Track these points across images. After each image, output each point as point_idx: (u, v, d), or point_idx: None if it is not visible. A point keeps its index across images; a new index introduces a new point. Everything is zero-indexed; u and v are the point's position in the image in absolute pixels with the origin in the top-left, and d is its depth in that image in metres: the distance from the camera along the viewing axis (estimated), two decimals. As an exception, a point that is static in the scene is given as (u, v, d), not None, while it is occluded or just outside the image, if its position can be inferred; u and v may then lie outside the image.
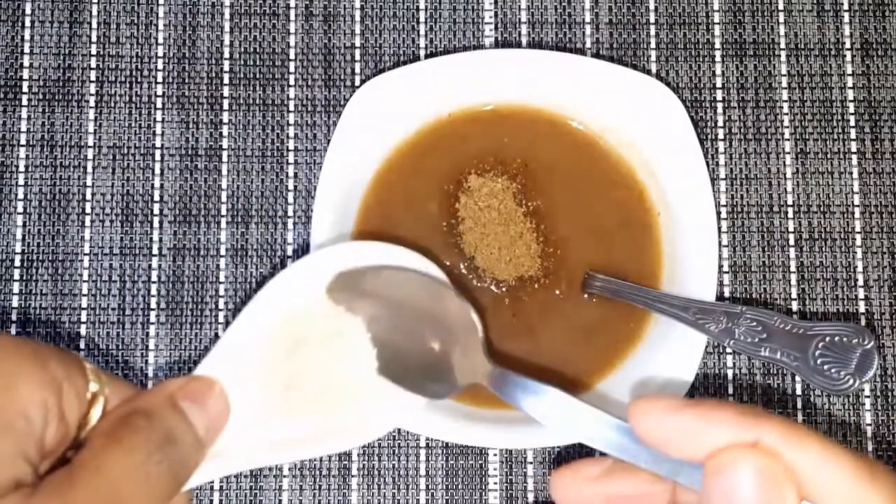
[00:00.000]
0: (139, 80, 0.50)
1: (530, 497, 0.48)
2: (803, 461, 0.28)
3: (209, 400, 0.38)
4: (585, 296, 0.48)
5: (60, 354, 0.34)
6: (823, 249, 0.50)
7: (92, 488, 0.32)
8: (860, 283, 0.49)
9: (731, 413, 0.29)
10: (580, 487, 0.33)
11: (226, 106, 0.50)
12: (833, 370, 0.46)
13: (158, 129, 0.50)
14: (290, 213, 0.50)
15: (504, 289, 0.48)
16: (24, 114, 0.50)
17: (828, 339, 0.46)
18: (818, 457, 0.28)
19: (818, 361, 0.46)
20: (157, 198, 0.50)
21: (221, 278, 0.49)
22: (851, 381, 0.46)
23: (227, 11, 0.51)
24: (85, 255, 0.49)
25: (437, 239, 0.48)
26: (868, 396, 0.48)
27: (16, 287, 0.49)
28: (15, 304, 0.48)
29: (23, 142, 0.50)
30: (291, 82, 0.50)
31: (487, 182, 0.48)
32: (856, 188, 0.50)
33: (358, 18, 0.51)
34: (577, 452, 0.48)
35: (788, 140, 0.50)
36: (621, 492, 0.33)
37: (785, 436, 0.28)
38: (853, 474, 0.28)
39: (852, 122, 0.51)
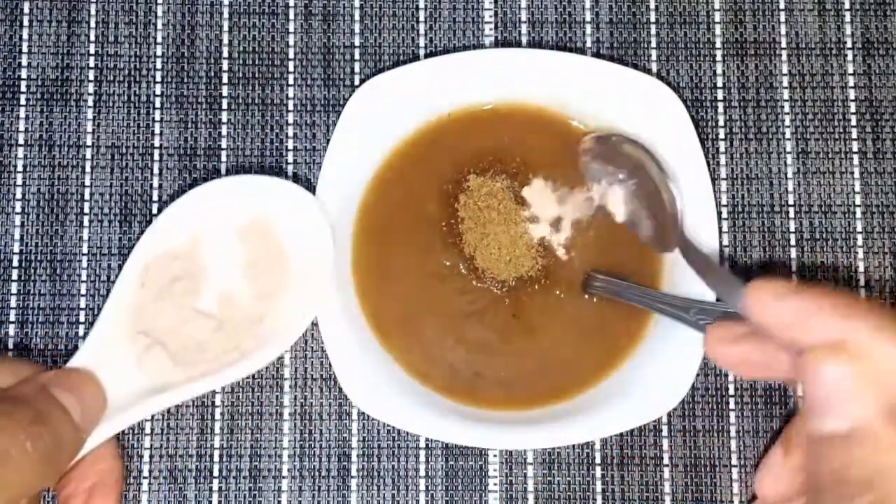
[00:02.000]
0: (138, 79, 0.50)
1: (530, 498, 0.48)
2: (888, 357, 0.32)
3: (83, 387, 0.40)
4: (586, 296, 0.48)
5: None
6: (825, 249, 0.49)
7: None
8: (861, 283, 0.49)
9: (829, 307, 0.33)
10: (726, 344, 0.37)
11: (225, 105, 0.50)
12: (834, 371, 0.46)
13: (157, 129, 0.50)
14: (290, 212, 0.49)
15: (504, 289, 0.47)
16: (22, 113, 0.50)
17: (829, 339, 0.46)
18: None
19: (819, 362, 0.46)
20: (155, 198, 0.49)
21: (220, 278, 0.49)
22: (853, 382, 0.46)
23: (225, 10, 0.51)
24: (83, 255, 0.49)
25: (436, 239, 0.48)
26: (869, 397, 0.48)
27: (14, 287, 0.48)
28: (13, 304, 0.48)
29: (21, 141, 0.49)
30: (291, 82, 0.50)
31: (487, 182, 0.48)
32: (857, 188, 0.50)
33: (357, 18, 0.51)
34: (577, 453, 0.48)
35: (789, 140, 0.50)
36: (754, 355, 0.37)
37: (873, 333, 0.32)
38: None
39: (853, 122, 0.50)
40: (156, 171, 0.50)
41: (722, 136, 0.50)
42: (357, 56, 0.50)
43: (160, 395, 0.42)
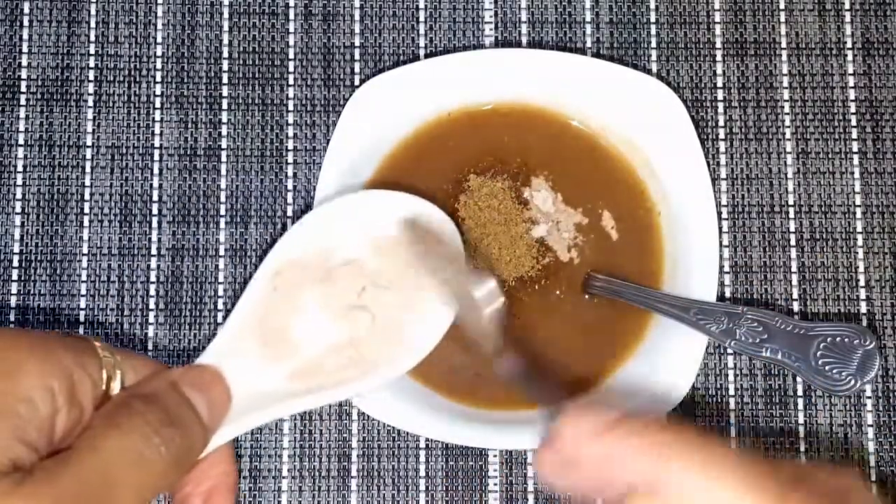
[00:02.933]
0: (138, 79, 0.50)
1: (530, 498, 0.48)
2: (700, 491, 0.32)
3: (211, 386, 0.39)
4: (586, 297, 0.48)
5: (68, 341, 0.35)
6: (825, 249, 0.49)
7: (83, 470, 0.32)
8: (861, 283, 0.49)
9: (645, 446, 0.33)
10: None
11: (225, 105, 0.50)
12: (834, 371, 0.46)
13: (157, 129, 0.50)
14: (290, 213, 0.49)
15: (504, 289, 0.47)
16: (22, 113, 0.50)
17: (829, 339, 0.46)
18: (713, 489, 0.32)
19: (819, 362, 0.46)
20: (155, 198, 0.49)
21: (220, 279, 0.49)
22: (853, 382, 0.46)
23: (226, 11, 0.51)
24: (83, 255, 0.49)
25: (436, 239, 0.48)
26: (869, 397, 0.48)
27: (14, 287, 0.48)
28: (13, 304, 0.48)
29: (21, 141, 0.49)
30: (291, 82, 0.50)
31: (487, 182, 0.48)
32: (857, 188, 0.50)
33: (357, 18, 0.51)
34: (578, 453, 0.48)
35: (790, 140, 0.50)
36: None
37: (684, 471, 0.33)
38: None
39: (854, 122, 0.50)
40: (156, 171, 0.50)
41: (722, 136, 0.50)
42: (357, 56, 0.50)
43: (282, 402, 0.41)
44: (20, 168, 0.49)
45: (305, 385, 0.41)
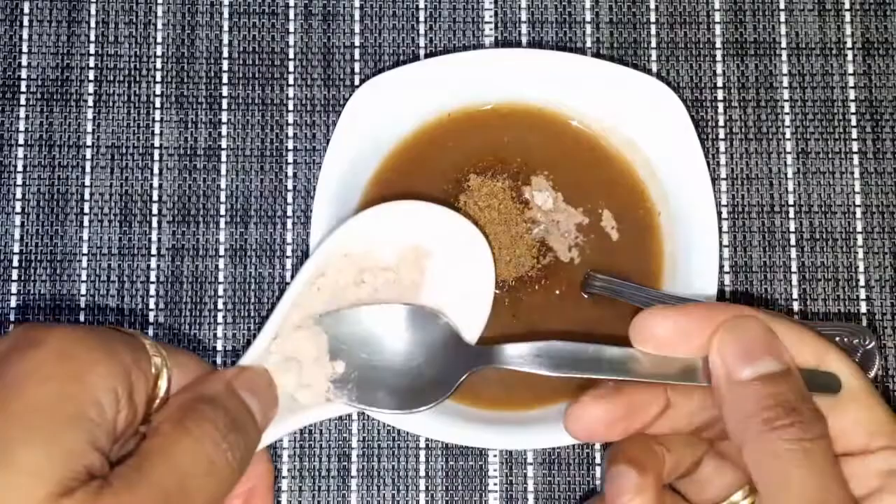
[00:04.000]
0: (138, 79, 0.50)
1: (530, 498, 0.48)
2: (778, 330, 0.35)
3: (262, 388, 0.38)
4: (585, 296, 0.48)
5: (126, 339, 0.34)
6: (825, 249, 0.49)
7: (161, 478, 0.32)
8: (861, 283, 0.49)
9: (710, 306, 0.36)
10: (588, 410, 0.36)
11: (225, 105, 0.50)
12: (834, 371, 0.46)
13: (157, 129, 0.50)
14: (290, 213, 0.49)
15: (504, 289, 0.47)
16: (22, 113, 0.50)
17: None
18: (787, 326, 0.35)
19: (819, 362, 0.46)
20: (155, 198, 0.49)
21: (220, 279, 0.49)
22: (853, 382, 0.45)
23: (225, 10, 0.51)
24: (83, 255, 0.49)
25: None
26: (869, 397, 0.48)
27: (14, 287, 0.48)
28: (13, 304, 0.48)
29: (21, 141, 0.49)
30: (291, 82, 0.50)
31: (487, 181, 0.48)
32: (857, 188, 0.50)
33: (357, 18, 0.51)
34: (577, 453, 0.48)
35: (790, 140, 0.50)
36: (623, 406, 0.36)
37: (758, 314, 0.35)
38: (815, 340, 0.35)
39: (854, 122, 0.50)
40: (156, 171, 0.50)
41: (722, 136, 0.50)
42: (357, 56, 0.50)
43: (325, 405, 0.40)
44: (20, 168, 0.49)
45: (345, 388, 0.41)
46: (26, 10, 0.50)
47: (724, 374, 0.34)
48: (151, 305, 0.49)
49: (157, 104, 0.50)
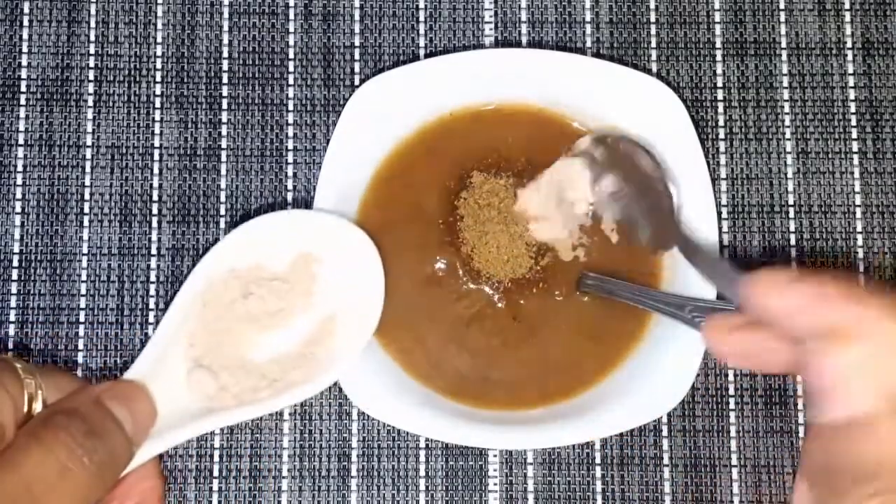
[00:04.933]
0: (138, 79, 0.50)
1: (530, 498, 0.48)
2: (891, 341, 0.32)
3: (135, 400, 0.39)
4: (578, 293, 0.47)
5: None
6: (825, 249, 0.49)
7: (6, 486, 0.32)
8: (861, 283, 0.49)
9: (833, 295, 0.33)
10: (725, 334, 0.36)
11: (225, 105, 0.50)
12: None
13: (157, 129, 0.50)
14: (290, 213, 0.49)
15: (502, 290, 0.47)
16: (22, 113, 0.50)
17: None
18: None
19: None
20: (155, 198, 0.49)
21: (220, 278, 0.49)
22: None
23: (225, 10, 0.51)
24: (83, 255, 0.49)
25: (436, 237, 0.48)
26: (869, 397, 0.48)
27: (14, 287, 0.48)
28: (13, 304, 0.48)
29: (21, 141, 0.49)
30: (291, 82, 0.50)
31: (490, 179, 0.48)
32: (857, 188, 0.50)
33: (357, 18, 0.51)
34: (577, 453, 0.48)
35: (789, 140, 0.50)
36: (753, 345, 0.36)
37: (878, 318, 0.32)
38: None
39: (853, 122, 0.50)
40: (156, 171, 0.50)
41: (722, 136, 0.50)
42: (357, 56, 0.50)
43: (208, 417, 0.41)
44: (20, 168, 0.49)
45: (234, 399, 0.42)
46: (26, 10, 0.50)
47: None
48: (151, 305, 0.49)
49: (157, 104, 0.50)
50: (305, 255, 0.45)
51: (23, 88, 0.50)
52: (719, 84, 0.51)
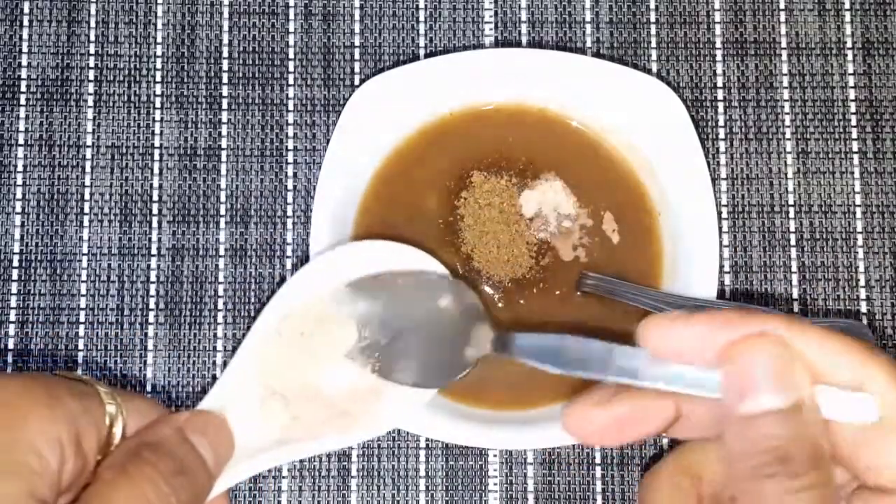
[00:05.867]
0: (138, 79, 0.50)
1: (530, 498, 0.48)
2: (808, 347, 0.30)
3: (216, 433, 0.38)
4: (578, 293, 0.47)
5: (73, 386, 0.34)
6: (825, 249, 0.49)
7: None
8: (861, 283, 0.49)
9: (736, 314, 0.31)
10: (589, 413, 0.34)
11: (225, 105, 0.50)
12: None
13: (157, 129, 0.50)
14: (290, 212, 0.49)
15: (502, 290, 0.47)
16: (22, 113, 0.50)
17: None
18: (820, 342, 0.30)
19: (819, 362, 0.46)
20: (155, 198, 0.49)
21: (220, 279, 0.49)
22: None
23: (225, 10, 0.51)
24: (83, 255, 0.49)
25: (435, 237, 0.48)
26: (869, 397, 0.48)
27: (14, 287, 0.48)
28: (13, 304, 0.48)
29: (21, 141, 0.49)
30: (291, 81, 0.50)
31: (490, 178, 0.48)
32: (857, 188, 0.50)
33: (357, 17, 0.51)
34: (577, 453, 0.48)
35: (790, 139, 0.50)
36: (627, 413, 0.33)
37: (788, 327, 0.30)
38: (854, 355, 0.30)
39: (854, 122, 0.50)
40: (156, 171, 0.50)
41: (722, 136, 0.50)
42: (357, 56, 0.50)
43: (279, 448, 0.40)
44: (20, 168, 0.49)
45: (307, 430, 0.41)
46: (26, 10, 0.50)
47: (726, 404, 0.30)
48: (151, 305, 0.49)
49: (157, 104, 0.50)
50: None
51: (23, 88, 0.50)
52: (719, 84, 0.51)
